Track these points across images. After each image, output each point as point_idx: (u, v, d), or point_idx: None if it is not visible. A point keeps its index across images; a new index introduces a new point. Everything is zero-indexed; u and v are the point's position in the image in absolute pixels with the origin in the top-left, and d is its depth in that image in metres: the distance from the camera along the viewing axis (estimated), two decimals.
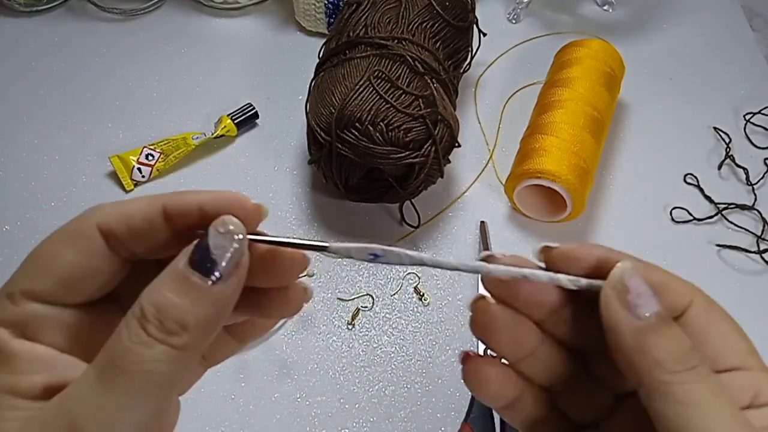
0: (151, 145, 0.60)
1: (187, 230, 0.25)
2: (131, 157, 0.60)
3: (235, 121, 0.62)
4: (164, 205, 0.25)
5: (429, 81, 0.54)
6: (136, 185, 0.60)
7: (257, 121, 0.65)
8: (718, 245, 0.59)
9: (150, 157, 0.59)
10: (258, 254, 0.25)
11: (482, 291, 0.28)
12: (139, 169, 0.59)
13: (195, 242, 0.23)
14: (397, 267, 0.56)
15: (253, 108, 0.64)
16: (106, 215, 0.25)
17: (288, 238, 0.25)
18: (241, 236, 0.24)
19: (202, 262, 0.23)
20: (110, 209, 0.25)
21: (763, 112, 0.68)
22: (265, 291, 0.27)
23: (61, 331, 0.24)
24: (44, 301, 0.24)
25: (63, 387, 0.22)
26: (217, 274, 0.23)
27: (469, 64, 0.64)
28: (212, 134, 0.62)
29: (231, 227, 0.24)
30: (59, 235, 0.25)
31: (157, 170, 0.60)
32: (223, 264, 0.23)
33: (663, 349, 0.24)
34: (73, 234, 0.25)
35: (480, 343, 0.51)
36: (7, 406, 0.22)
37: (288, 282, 0.27)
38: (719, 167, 0.64)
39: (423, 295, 0.55)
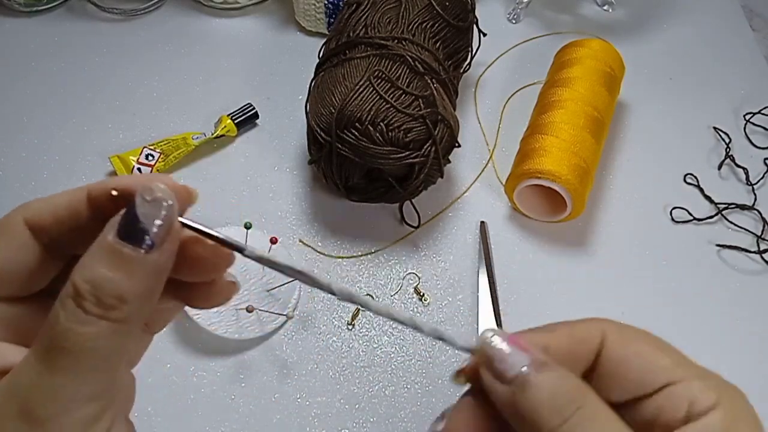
0: (151, 145, 0.60)
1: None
2: (131, 158, 0.59)
3: (235, 121, 0.62)
4: (88, 191, 0.25)
5: (429, 81, 0.54)
6: None
7: (257, 121, 0.65)
8: (718, 245, 0.59)
9: (150, 158, 0.59)
10: (184, 245, 0.24)
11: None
12: (139, 169, 0.59)
13: (122, 212, 0.22)
14: (397, 267, 0.56)
15: (253, 108, 0.64)
16: (33, 209, 0.25)
17: (211, 229, 0.24)
18: (170, 202, 0.23)
19: (132, 232, 0.22)
20: (37, 203, 0.25)
21: (763, 112, 0.68)
22: (191, 283, 0.26)
23: None
24: None
25: (5, 373, 0.22)
26: (148, 242, 0.22)
27: (469, 64, 0.64)
28: (212, 134, 0.62)
29: (159, 194, 0.23)
30: None
31: (157, 170, 0.60)
32: (154, 230, 0.22)
33: (537, 407, 0.23)
34: (2, 228, 0.25)
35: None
36: None
37: (214, 277, 0.26)
38: (719, 167, 0.64)
39: (423, 295, 0.55)
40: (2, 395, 0.22)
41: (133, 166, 0.59)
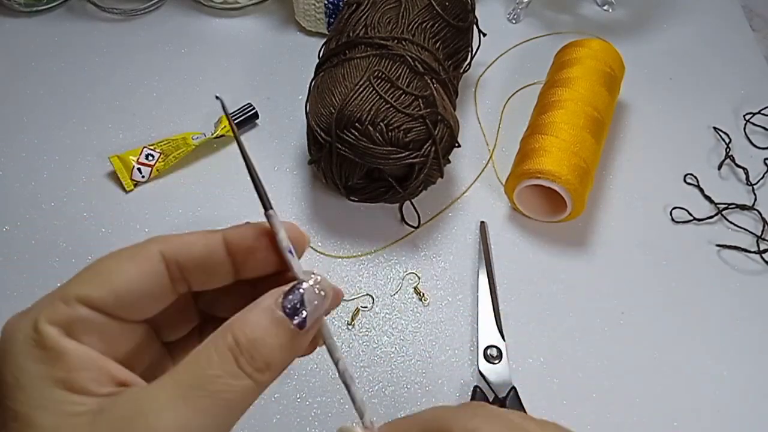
0: (151, 145, 0.60)
1: (247, 261, 0.28)
2: (131, 157, 0.59)
3: (236, 121, 0.62)
4: (224, 235, 0.27)
5: (429, 81, 0.54)
6: (136, 185, 0.60)
7: (257, 121, 0.65)
8: (718, 245, 0.59)
9: (150, 158, 0.59)
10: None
11: None
12: (139, 169, 0.59)
13: (288, 288, 0.26)
14: (397, 267, 0.56)
15: (253, 108, 0.64)
16: (170, 242, 0.27)
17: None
18: (330, 296, 0.26)
19: (295, 310, 0.25)
20: (173, 237, 0.27)
21: (763, 112, 0.68)
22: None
23: (99, 338, 0.25)
24: (95, 308, 0.25)
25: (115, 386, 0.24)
26: (306, 324, 0.25)
27: (469, 64, 0.64)
28: (212, 134, 0.62)
29: (325, 289, 0.26)
30: (124, 252, 0.26)
31: (157, 170, 0.60)
32: (313, 318, 0.26)
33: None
34: (137, 254, 0.26)
35: (480, 336, 0.51)
36: (65, 401, 0.23)
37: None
38: (719, 167, 0.64)
39: (423, 295, 0.55)
40: (129, 410, 0.23)
41: (133, 166, 0.59)
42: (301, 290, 0.26)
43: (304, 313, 0.26)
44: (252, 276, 0.28)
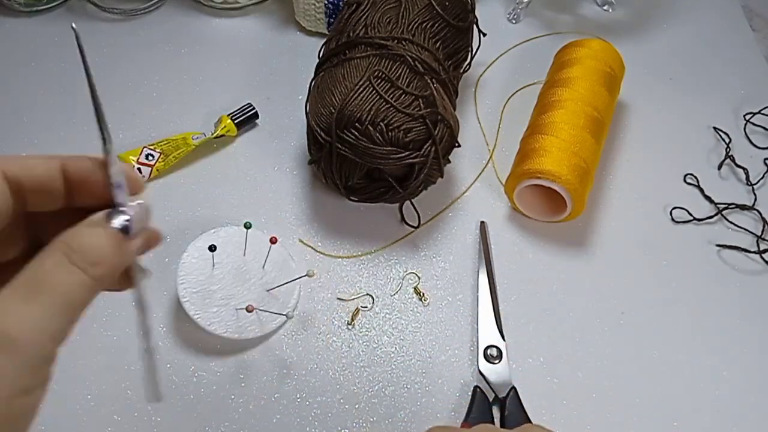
0: (151, 145, 0.60)
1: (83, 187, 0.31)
2: (131, 157, 0.59)
3: (235, 121, 0.62)
4: (63, 162, 0.31)
5: (429, 81, 0.54)
6: None
7: (257, 121, 0.65)
8: (718, 245, 0.59)
9: (150, 157, 0.59)
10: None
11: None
12: (139, 169, 0.59)
13: (113, 210, 0.30)
14: (397, 267, 0.56)
15: (253, 108, 0.64)
16: (11, 163, 0.29)
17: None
18: (148, 212, 0.31)
19: (124, 227, 0.30)
20: (15, 158, 0.29)
21: (763, 112, 0.68)
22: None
23: None
24: None
25: None
26: (130, 230, 0.30)
27: (469, 64, 0.64)
28: (212, 134, 0.62)
29: (146, 204, 0.31)
30: None
31: (157, 170, 0.60)
32: (137, 226, 0.30)
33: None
34: None
35: (481, 336, 0.51)
36: None
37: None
38: (719, 167, 0.64)
39: (423, 295, 0.55)
40: None
41: (133, 167, 0.59)
42: (121, 209, 0.30)
43: (128, 221, 0.30)
44: (84, 204, 0.31)
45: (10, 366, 0.25)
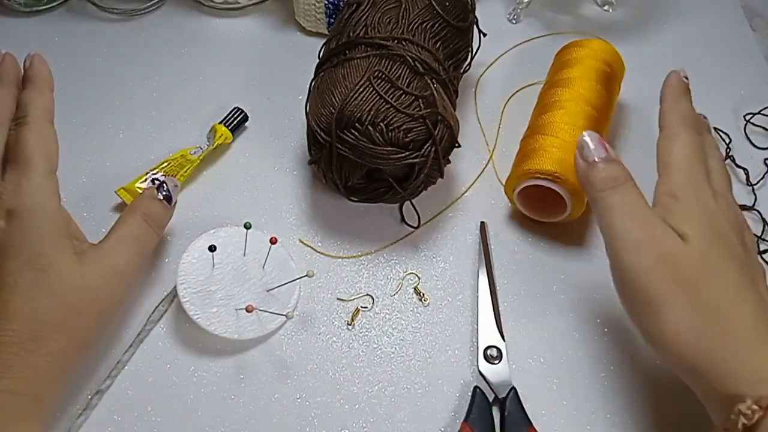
0: (153, 169, 0.59)
1: None
2: (137, 187, 0.58)
3: (229, 127, 0.62)
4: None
5: (429, 81, 0.54)
6: None
7: (257, 121, 0.65)
8: None
9: (156, 182, 0.58)
10: None
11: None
12: None
13: (158, 184, 0.51)
14: (397, 267, 0.56)
15: (242, 111, 0.63)
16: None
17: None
18: (178, 185, 0.53)
19: (167, 197, 0.51)
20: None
21: (763, 112, 0.68)
22: None
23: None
24: None
25: None
26: (172, 200, 0.52)
27: (469, 64, 0.64)
28: (212, 146, 0.61)
29: (176, 182, 0.53)
30: None
31: None
32: (175, 197, 0.52)
33: (595, 177, 0.46)
34: None
35: (480, 336, 0.51)
36: (71, 245, 0.45)
37: None
38: None
39: (423, 295, 0.55)
40: (97, 254, 0.46)
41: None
42: (164, 184, 0.51)
43: (171, 194, 0.51)
44: None
45: (125, 288, 0.48)
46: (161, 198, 0.50)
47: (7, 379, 0.40)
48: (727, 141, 0.66)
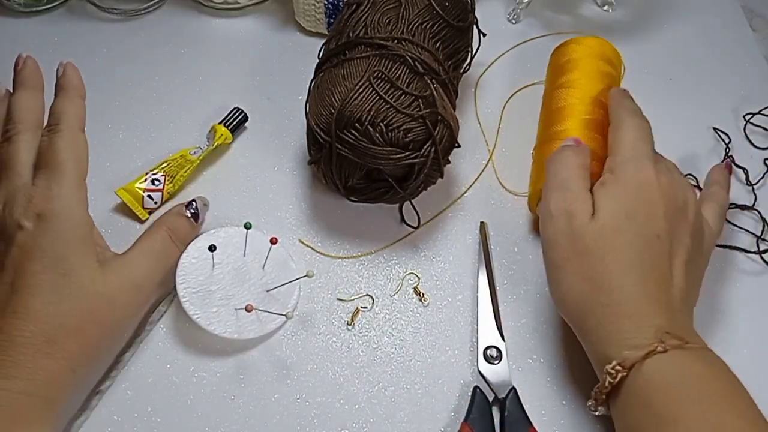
0: (153, 169, 0.59)
1: None
2: (137, 187, 0.58)
3: (229, 128, 0.62)
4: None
5: (429, 81, 0.54)
6: (150, 213, 0.58)
7: (257, 121, 0.65)
8: (718, 245, 0.59)
9: (156, 182, 0.58)
10: None
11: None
12: (150, 196, 0.57)
13: (188, 202, 0.54)
14: (397, 267, 0.56)
15: (242, 111, 0.63)
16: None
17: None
18: (207, 204, 0.56)
19: (195, 215, 0.53)
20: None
21: (763, 112, 0.68)
22: None
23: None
24: None
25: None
26: (199, 219, 0.54)
27: (469, 64, 0.64)
28: (212, 146, 0.61)
29: (206, 201, 0.56)
30: None
31: (168, 193, 0.58)
32: (203, 216, 0.55)
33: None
34: None
35: (480, 336, 0.51)
36: (96, 253, 0.46)
37: None
38: None
39: (423, 295, 0.55)
40: (119, 264, 0.47)
41: (143, 195, 0.57)
42: (193, 202, 0.53)
43: (199, 213, 0.54)
44: None
45: (143, 302, 0.49)
46: (189, 215, 0.52)
47: (22, 380, 0.40)
48: (727, 141, 0.66)
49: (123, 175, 0.59)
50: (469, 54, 0.63)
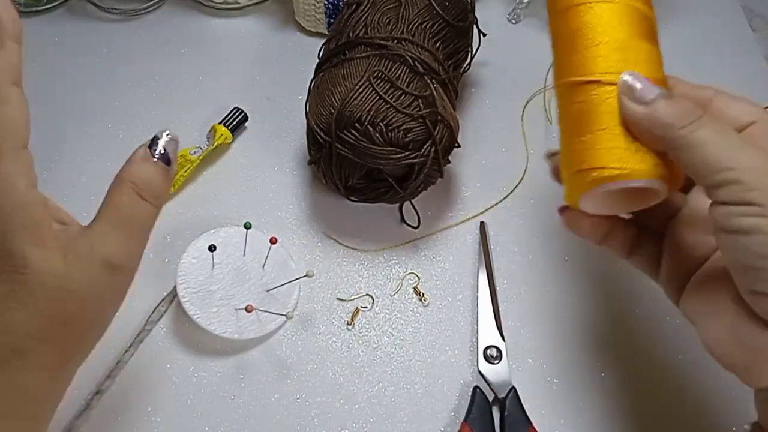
0: None
1: None
2: None
3: (229, 128, 0.62)
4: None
5: (429, 81, 0.54)
6: None
7: (257, 121, 0.65)
8: None
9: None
10: None
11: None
12: None
13: (149, 141, 0.38)
14: (397, 267, 0.56)
15: (241, 111, 0.63)
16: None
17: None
18: (177, 139, 0.39)
19: (164, 156, 0.38)
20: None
21: None
22: None
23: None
24: None
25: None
26: (171, 161, 0.38)
27: (469, 64, 0.64)
28: (212, 146, 0.61)
29: (174, 136, 0.39)
30: None
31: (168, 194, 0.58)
32: (174, 156, 0.39)
33: (669, 114, 0.36)
34: None
35: (480, 336, 0.51)
36: (53, 228, 0.35)
37: None
38: None
39: (423, 295, 0.55)
40: (83, 240, 0.36)
41: None
42: (156, 140, 0.38)
43: (170, 157, 0.38)
44: None
45: (122, 286, 0.37)
46: (156, 159, 0.38)
47: None
48: None
49: None
50: (469, 54, 0.63)
